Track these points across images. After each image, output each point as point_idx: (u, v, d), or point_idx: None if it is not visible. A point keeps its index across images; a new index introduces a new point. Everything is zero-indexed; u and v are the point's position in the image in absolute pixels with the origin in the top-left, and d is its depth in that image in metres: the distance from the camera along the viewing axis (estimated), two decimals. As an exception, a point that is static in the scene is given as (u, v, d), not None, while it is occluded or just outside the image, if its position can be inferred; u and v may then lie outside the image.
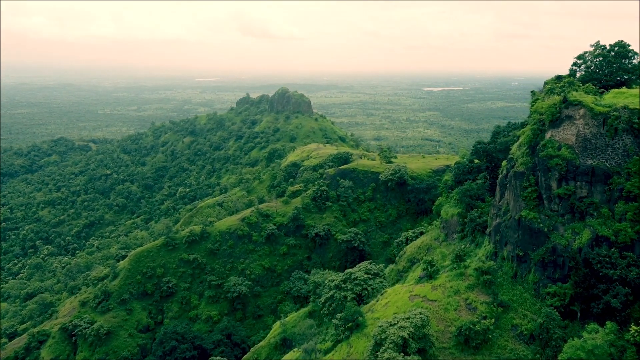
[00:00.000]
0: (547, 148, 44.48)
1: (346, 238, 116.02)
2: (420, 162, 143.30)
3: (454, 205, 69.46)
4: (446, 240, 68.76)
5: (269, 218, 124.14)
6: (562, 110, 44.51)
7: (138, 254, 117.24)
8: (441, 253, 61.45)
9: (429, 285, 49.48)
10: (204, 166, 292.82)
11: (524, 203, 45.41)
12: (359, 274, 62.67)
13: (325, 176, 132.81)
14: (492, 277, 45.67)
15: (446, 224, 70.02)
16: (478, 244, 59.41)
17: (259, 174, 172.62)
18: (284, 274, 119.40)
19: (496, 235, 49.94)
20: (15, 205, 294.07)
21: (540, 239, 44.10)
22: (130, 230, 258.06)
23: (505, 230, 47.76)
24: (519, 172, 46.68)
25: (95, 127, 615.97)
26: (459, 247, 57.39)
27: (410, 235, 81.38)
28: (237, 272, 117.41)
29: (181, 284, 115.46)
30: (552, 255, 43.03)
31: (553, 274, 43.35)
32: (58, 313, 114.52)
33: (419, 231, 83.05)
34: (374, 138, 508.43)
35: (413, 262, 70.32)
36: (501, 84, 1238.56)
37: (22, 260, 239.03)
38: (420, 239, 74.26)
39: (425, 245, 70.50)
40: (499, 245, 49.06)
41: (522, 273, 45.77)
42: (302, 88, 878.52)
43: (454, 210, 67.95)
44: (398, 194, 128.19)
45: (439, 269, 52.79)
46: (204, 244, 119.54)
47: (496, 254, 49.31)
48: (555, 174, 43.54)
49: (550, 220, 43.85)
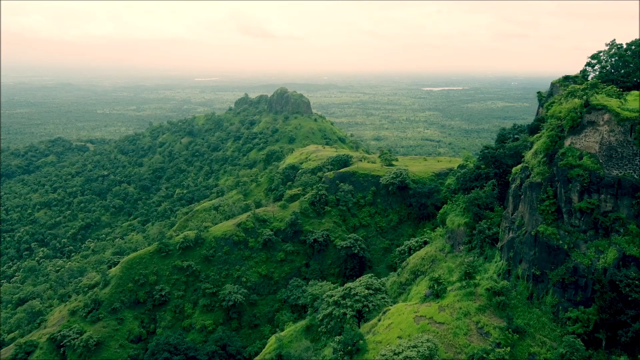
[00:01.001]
0: (567, 157, 40.27)
1: (346, 244, 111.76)
2: (422, 165, 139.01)
3: (460, 214, 65.21)
4: (452, 252, 64.53)
5: (265, 223, 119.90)
6: (584, 115, 40.34)
7: (130, 260, 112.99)
8: (447, 267, 57.21)
9: (436, 306, 45.29)
10: (201, 167, 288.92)
11: (541, 217, 41.23)
12: (359, 289, 58.50)
13: (324, 180, 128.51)
14: (506, 299, 41.54)
15: (452, 234, 65.77)
16: (487, 258, 55.16)
17: (256, 177, 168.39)
18: (281, 281, 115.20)
19: (509, 251, 45.72)
20: (11, 207, 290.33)
21: (559, 257, 39.91)
22: (126, 233, 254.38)
23: (519, 246, 43.56)
24: (535, 183, 42.46)
25: (94, 127, 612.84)
26: (467, 262, 53.17)
27: (414, 245, 77.13)
28: (233, 279, 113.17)
29: (175, 292, 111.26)
30: (573, 275, 38.86)
31: (574, 297, 39.18)
32: (47, 322, 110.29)
33: (422, 240, 78.78)
34: (373, 138, 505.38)
35: (416, 274, 66.11)
36: (501, 83, 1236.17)
37: (17, 263, 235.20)
38: (424, 250, 70.01)
39: (429, 257, 66.28)
40: (512, 263, 44.84)
41: (538, 294, 41.58)
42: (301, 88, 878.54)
43: (460, 219, 63.70)
44: (399, 198, 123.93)
45: (446, 286, 48.57)
46: (199, 250, 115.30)
47: (509, 271, 45.10)
48: (576, 185, 39.32)
49: (571, 237, 39.64)
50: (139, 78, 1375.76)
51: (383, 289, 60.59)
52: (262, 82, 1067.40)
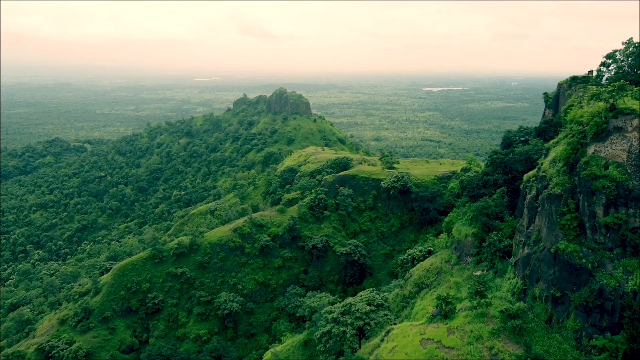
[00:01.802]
0: (591, 166, 36.36)
1: (345, 251, 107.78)
2: (423, 168, 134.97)
3: (468, 223, 61.23)
4: (459, 264, 60.56)
5: (263, 228, 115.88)
6: (610, 120, 36.46)
7: (122, 267, 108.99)
8: (456, 283, 53.26)
9: (444, 327, 41.36)
10: (199, 168, 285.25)
11: (562, 232, 37.29)
12: (360, 305, 54.54)
13: (324, 183, 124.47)
14: (523, 322, 37.67)
15: (458, 244, 61.78)
16: (498, 272, 51.18)
17: (254, 179, 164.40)
18: (279, 288, 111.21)
19: (525, 269, 41.76)
20: (6, 208, 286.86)
21: (582, 277, 36.02)
22: (123, 235, 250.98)
23: (537, 263, 39.62)
24: (554, 195, 38.49)
25: (92, 127, 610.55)
26: (476, 277, 49.23)
27: (417, 254, 73.14)
28: (229, 287, 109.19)
29: (168, 300, 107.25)
30: (599, 298, 34.98)
31: (599, 322, 35.29)
32: (36, 331, 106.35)
33: (426, 249, 74.79)
34: (373, 138, 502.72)
35: (421, 287, 62.13)
36: (501, 83, 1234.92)
37: (12, 266, 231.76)
38: (428, 261, 66.03)
39: (434, 269, 62.30)
40: (528, 281, 40.89)
41: (559, 317, 37.64)
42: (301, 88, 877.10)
43: (467, 229, 59.73)
44: (401, 203, 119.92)
45: (455, 305, 44.63)
46: (193, 257, 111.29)
47: (525, 291, 41.17)
48: (601, 198, 35.41)
49: (595, 255, 35.71)
50: (139, 78, 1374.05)
51: (386, 304, 56.65)
52: (262, 82, 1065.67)
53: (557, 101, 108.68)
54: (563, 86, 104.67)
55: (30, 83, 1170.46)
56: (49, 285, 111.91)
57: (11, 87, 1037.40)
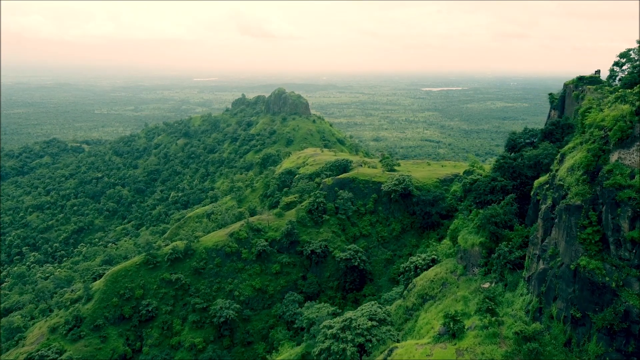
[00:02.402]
0: (615, 175, 33.15)
1: (345, 256, 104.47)
2: (425, 171, 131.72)
3: (474, 232, 57.98)
4: (465, 274, 57.30)
5: (260, 233, 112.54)
6: (635, 125, 33.25)
7: (115, 273, 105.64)
8: (464, 298, 50.02)
9: (453, 349, 38.14)
10: (197, 169, 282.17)
11: (582, 247, 34.08)
12: (361, 320, 51.30)
13: (323, 186, 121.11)
14: (539, 346, 34.47)
15: (465, 254, 58.51)
16: (508, 285, 47.89)
17: (251, 182, 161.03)
18: (277, 295, 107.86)
19: (540, 286, 38.50)
20: (3, 210, 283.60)
21: (605, 297, 32.82)
22: (120, 237, 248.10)
23: (554, 280, 36.38)
24: (573, 206, 35.26)
25: (91, 127, 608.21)
26: (485, 291, 45.95)
27: (420, 263, 69.84)
28: (225, 293, 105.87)
29: (162, 307, 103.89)
30: (624, 320, 31.80)
31: (625, 347, 32.09)
32: (25, 340, 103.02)
33: (429, 257, 71.49)
34: (372, 139, 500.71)
35: (425, 298, 58.87)
36: (500, 84, 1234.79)
37: (7, 268, 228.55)
38: (432, 270, 62.77)
39: (439, 279, 59.04)
40: (544, 299, 37.64)
41: (579, 340, 34.41)
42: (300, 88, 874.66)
43: (474, 238, 56.47)
44: (402, 206, 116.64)
45: (464, 322, 41.36)
46: (188, 262, 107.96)
47: (541, 310, 37.95)
48: (626, 210, 32.21)
49: (620, 273, 32.51)
50: (138, 78, 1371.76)
51: (388, 319, 53.39)
52: (261, 82, 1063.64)
53: (563, 102, 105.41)
54: (569, 87, 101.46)
55: (29, 83, 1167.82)
56: (39, 291, 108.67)
57: (10, 87, 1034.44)
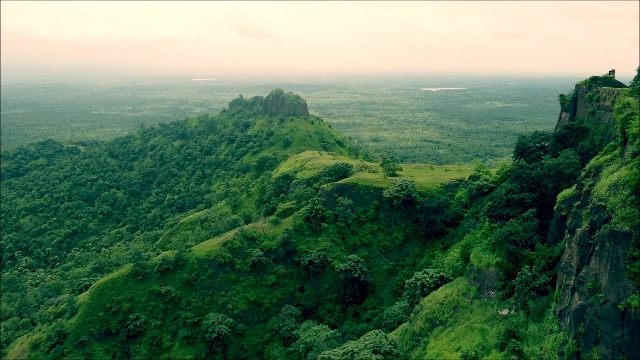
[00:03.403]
0: (670, 197, 27.59)
1: (345, 267, 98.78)
2: (428, 175, 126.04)
3: (489, 249, 52.33)
4: (479, 297, 51.63)
5: (255, 242, 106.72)
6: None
7: (101, 285, 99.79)
8: (481, 330, 44.21)
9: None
10: (193, 171, 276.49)
11: (632, 284, 28.48)
12: (364, 353, 45.68)
13: (321, 192, 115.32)
14: (577, 400, 28.91)
15: (478, 274, 52.83)
16: (531, 313, 42.19)
17: (247, 186, 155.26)
18: (273, 308, 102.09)
19: (578, 325, 32.81)
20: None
21: (659, 344, 27.27)
22: (114, 241, 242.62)
23: (596, 320, 30.75)
24: (619, 233, 29.63)
25: (88, 127, 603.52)
26: (506, 322, 40.39)
27: (427, 281, 64.08)
28: (218, 306, 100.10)
29: (152, 321, 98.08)
30: (684, 374, 26.30)
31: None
32: (6, 356, 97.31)
33: (437, 274, 65.73)
34: (372, 139, 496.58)
35: (434, 323, 53.17)
36: (499, 84, 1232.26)
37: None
38: (442, 291, 57.07)
39: (450, 302, 53.37)
40: (583, 342, 32.00)
41: (625, 393, 28.84)
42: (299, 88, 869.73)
43: (490, 258, 50.82)
44: (405, 214, 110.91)
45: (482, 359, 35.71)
46: (179, 274, 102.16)
47: (579, 354, 32.32)
48: (685, 240, 26.66)
49: (678, 316, 26.95)
50: (136, 78, 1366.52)
51: (395, 351, 47.79)
52: (260, 83, 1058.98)
53: (574, 104, 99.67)
54: (582, 87, 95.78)
55: (27, 83, 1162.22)
56: (22, 304, 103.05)
57: (8, 88, 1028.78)
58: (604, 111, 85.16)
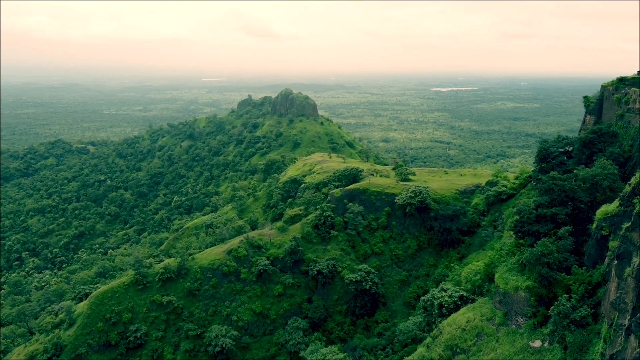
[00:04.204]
0: None
1: (355, 278, 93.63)
2: (442, 180, 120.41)
3: (517, 270, 46.92)
4: (506, 324, 46.24)
5: (261, 250, 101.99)
6: None
7: (100, 295, 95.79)
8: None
9: None
10: (201, 173, 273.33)
11: None
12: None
13: (330, 198, 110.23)
14: None
15: (505, 297, 47.42)
16: (569, 348, 36.85)
17: (254, 190, 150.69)
18: (279, 320, 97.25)
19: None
20: (4, 213, 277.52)
21: None
22: (121, 243, 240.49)
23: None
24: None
25: (99, 127, 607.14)
26: (538, 355, 35.00)
27: (446, 301, 58.69)
28: (222, 318, 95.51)
29: (153, 333, 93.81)
30: None
31: None
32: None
33: (457, 294, 60.24)
34: (382, 139, 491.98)
35: (455, 351, 47.88)
36: (510, 84, 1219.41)
37: (6, 275, 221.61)
38: (463, 314, 51.69)
39: (473, 328, 48.04)
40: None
41: None
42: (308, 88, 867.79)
43: (519, 280, 45.43)
44: (418, 221, 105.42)
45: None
46: (182, 283, 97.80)
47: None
48: None
49: None
50: (146, 78, 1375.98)
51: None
52: (269, 82, 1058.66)
53: (600, 106, 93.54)
54: (608, 89, 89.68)
55: (38, 83, 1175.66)
56: (20, 312, 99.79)
57: (19, 88, 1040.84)
58: (633, 114, 79.28)
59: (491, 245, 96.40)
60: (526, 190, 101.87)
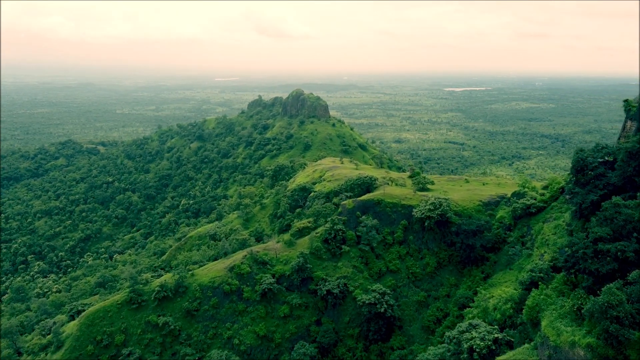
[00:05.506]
0: None
1: (369, 300, 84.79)
2: (463, 190, 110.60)
3: (572, 319, 37.78)
4: (558, 389, 37.12)
5: (266, 267, 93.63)
6: None
7: (91, 314, 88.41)
8: None
9: None
10: (210, 175, 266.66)
11: None
12: None
13: (342, 210, 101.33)
14: None
15: (556, 352, 38.24)
16: None
17: (260, 197, 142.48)
18: (285, 344, 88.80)
19: None
20: (11, 214, 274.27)
21: None
22: (127, 246, 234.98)
23: None
24: None
25: (112, 127, 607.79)
26: None
27: (478, 345, 49.47)
28: (222, 341, 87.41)
29: (147, 356, 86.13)
30: None
31: None
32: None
33: (490, 336, 50.97)
34: (394, 140, 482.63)
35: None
36: (524, 84, 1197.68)
37: (11, 279, 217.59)
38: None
39: (515, 390, 38.97)
40: None
41: None
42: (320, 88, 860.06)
43: (576, 334, 36.32)
44: (438, 236, 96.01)
45: None
46: (179, 302, 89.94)
47: None
48: None
49: None
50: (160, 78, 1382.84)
51: None
52: (282, 82, 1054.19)
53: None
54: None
55: (54, 83, 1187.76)
56: (8, 330, 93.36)
57: (35, 87, 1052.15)
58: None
59: (520, 265, 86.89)
60: (558, 204, 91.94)
